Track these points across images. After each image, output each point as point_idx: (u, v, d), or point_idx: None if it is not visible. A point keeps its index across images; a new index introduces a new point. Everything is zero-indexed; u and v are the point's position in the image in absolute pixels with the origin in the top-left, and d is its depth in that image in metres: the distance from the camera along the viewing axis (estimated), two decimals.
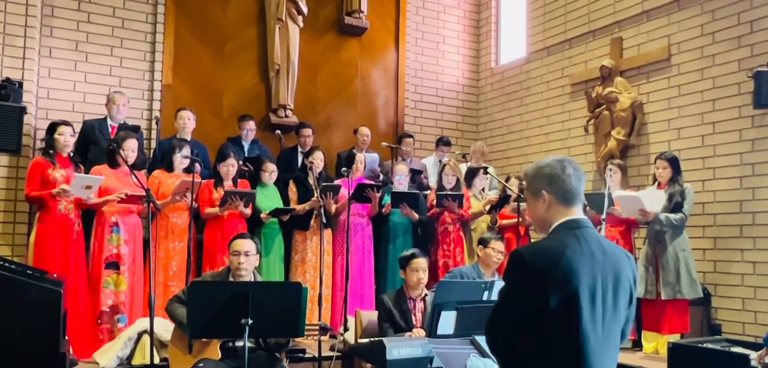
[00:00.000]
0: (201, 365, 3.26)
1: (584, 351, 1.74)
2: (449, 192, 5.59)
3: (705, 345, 4.06)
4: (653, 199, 4.85)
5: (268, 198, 5.37)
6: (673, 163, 4.96)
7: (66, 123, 4.67)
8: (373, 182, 5.64)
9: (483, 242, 4.36)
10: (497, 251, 4.26)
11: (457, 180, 5.77)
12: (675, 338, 4.67)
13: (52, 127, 4.62)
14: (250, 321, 2.93)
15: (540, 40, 7.37)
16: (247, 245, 3.52)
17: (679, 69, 5.80)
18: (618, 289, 1.83)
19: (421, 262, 3.88)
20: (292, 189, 5.55)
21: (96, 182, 4.47)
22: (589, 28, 6.72)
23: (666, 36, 5.92)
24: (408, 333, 3.67)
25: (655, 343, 4.93)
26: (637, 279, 1.94)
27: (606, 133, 6.24)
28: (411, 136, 6.97)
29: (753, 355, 3.60)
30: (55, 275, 3.94)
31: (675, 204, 4.85)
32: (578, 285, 1.74)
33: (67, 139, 4.61)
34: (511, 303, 1.82)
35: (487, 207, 5.84)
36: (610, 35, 6.46)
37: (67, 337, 3.99)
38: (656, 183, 5.05)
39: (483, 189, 6.22)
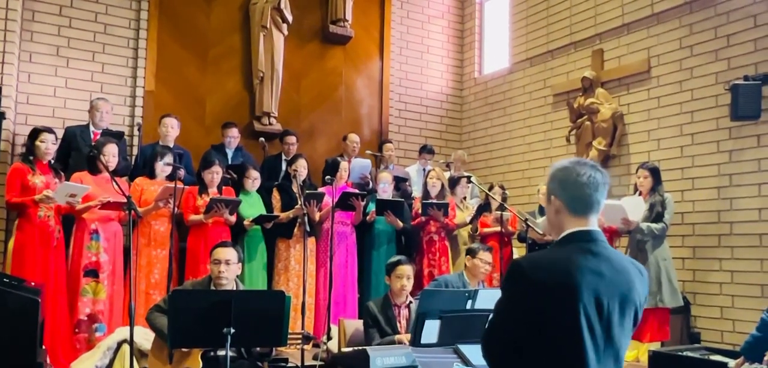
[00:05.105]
0: None
1: None
2: (435, 201, 5.61)
3: (685, 353, 4.12)
4: (634, 208, 4.92)
5: (251, 206, 5.34)
6: (654, 173, 5.02)
7: (49, 130, 4.58)
8: (357, 190, 5.63)
9: (471, 252, 4.35)
10: (485, 262, 4.25)
11: (442, 186, 5.79)
12: (655, 346, 4.72)
13: (35, 134, 4.53)
14: (232, 331, 2.90)
15: (523, 51, 7.45)
16: (228, 253, 3.49)
17: (658, 81, 5.90)
18: (625, 309, 1.72)
19: (406, 269, 3.87)
20: (276, 197, 5.52)
21: (81, 191, 4.40)
22: (570, 40, 6.81)
23: (646, 49, 6.02)
24: (397, 338, 3.66)
25: (636, 352, 4.98)
26: (647, 295, 1.83)
27: (587, 143, 6.32)
28: (390, 141, 7.00)
29: (731, 364, 3.65)
30: (32, 283, 3.87)
31: (656, 214, 4.91)
32: (579, 304, 1.63)
33: (48, 147, 4.53)
34: (509, 315, 1.71)
35: (469, 218, 5.86)
36: (592, 47, 6.55)
37: (44, 347, 3.91)
38: (637, 192, 5.12)
39: (464, 198, 6.25)
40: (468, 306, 3.38)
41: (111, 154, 4.64)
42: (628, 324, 1.74)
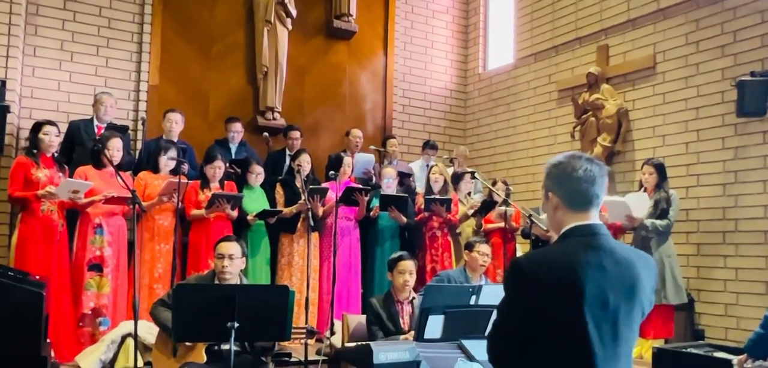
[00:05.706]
0: None
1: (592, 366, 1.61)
2: (438, 197, 5.60)
3: (689, 350, 4.10)
4: (638, 204, 4.90)
5: (255, 201, 5.34)
6: (660, 169, 5.01)
7: (51, 123, 4.59)
8: (361, 185, 5.63)
9: (469, 246, 4.37)
10: (483, 254, 4.27)
11: (445, 181, 5.78)
12: (659, 343, 4.71)
13: (37, 127, 4.54)
14: (236, 325, 2.90)
15: (527, 46, 7.42)
16: (231, 248, 3.49)
17: (664, 77, 5.87)
18: (631, 302, 1.68)
19: (409, 265, 3.87)
20: (279, 192, 5.52)
21: (84, 187, 4.40)
22: (576, 36, 6.78)
23: (651, 44, 5.99)
24: (402, 337, 3.66)
25: (640, 348, 4.97)
26: (654, 287, 1.77)
27: (592, 140, 6.30)
28: (393, 137, 6.99)
29: (735, 361, 3.64)
30: (37, 277, 3.88)
31: (661, 211, 4.89)
32: (583, 301, 1.59)
33: (51, 139, 4.53)
34: (511, 314, 1.69)
35: (471, 212, 5.85)
36: (597, 42, 6.52)
37: (48, 340, 3.92)
38: (642, 188, 5.10)
39: (468, 193, 6.23)
40: (472, 302, 3.38)
41: (115, 148, 4.64)
42: (635, 317, 1.70)
